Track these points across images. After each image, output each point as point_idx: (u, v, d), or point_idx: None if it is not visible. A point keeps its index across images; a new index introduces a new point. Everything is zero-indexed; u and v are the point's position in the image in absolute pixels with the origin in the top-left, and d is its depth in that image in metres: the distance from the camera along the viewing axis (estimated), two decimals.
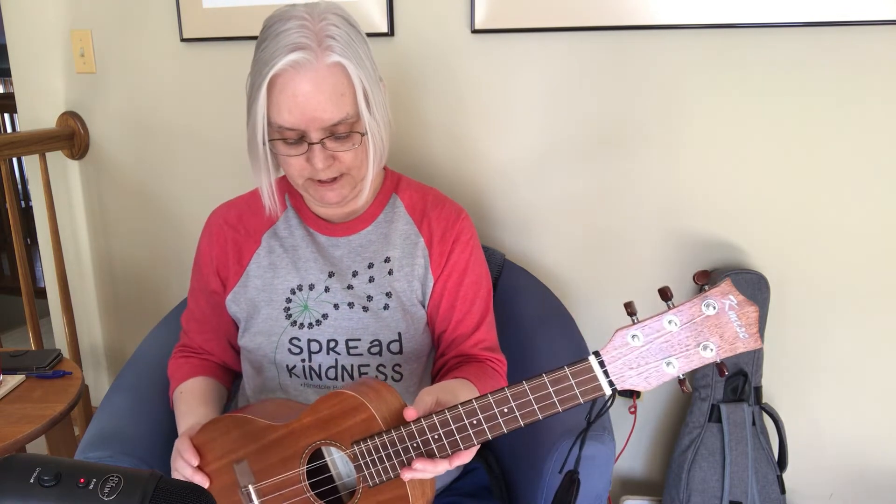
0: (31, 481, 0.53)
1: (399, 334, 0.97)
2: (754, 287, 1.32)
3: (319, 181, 0.90)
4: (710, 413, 1.37)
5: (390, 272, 0.99)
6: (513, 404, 0.70)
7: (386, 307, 0.98)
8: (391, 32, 1.43)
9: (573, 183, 1.43)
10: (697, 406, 1.39)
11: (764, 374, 1.40)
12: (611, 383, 0.66)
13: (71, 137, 1.76)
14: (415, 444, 0.75)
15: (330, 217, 1.02)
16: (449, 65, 1.43)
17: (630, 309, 0.64)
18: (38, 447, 1.78)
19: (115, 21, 1.66)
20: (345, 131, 0.87)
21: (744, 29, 1.25)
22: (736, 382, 1.36)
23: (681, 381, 0.65)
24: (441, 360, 1.02)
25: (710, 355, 0.62)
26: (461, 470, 1.07)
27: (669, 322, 0.62)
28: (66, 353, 1.74)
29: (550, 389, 0.68)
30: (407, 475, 0.74)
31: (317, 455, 0.83)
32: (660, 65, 1.32)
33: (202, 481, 0.87)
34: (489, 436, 0.72)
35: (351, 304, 0.98)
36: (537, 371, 1.00)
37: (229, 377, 1.12)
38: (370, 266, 0.99)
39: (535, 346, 1.18)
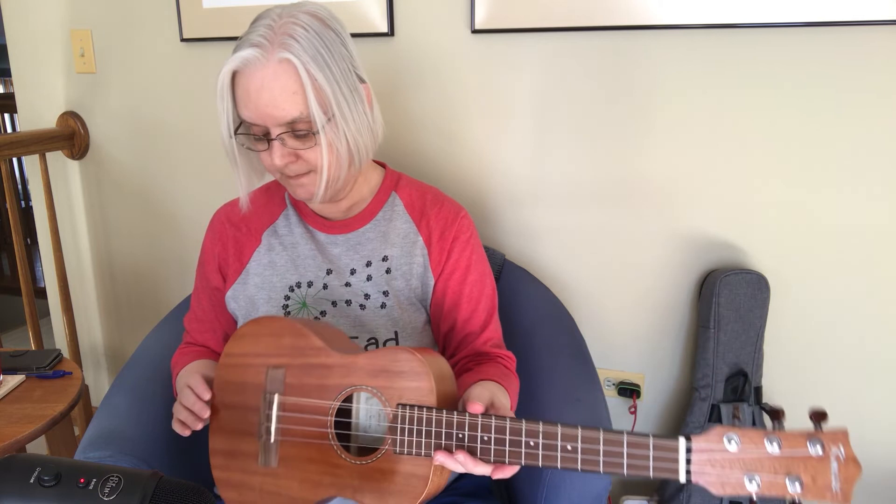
0: (31, 481, 0.53)
1: (396, 333, 0.97)
2: (754, 287, 1.32)
3: (288, 176, 0.91)
4: (710, 413, 1.37)
5: (388, 271, 1.00)
6: (579, 445, 0.66)
7: (383, 305, 0.98)
8: (391, 32, 1.43)
9: (573, 183, 1.43)
10: (698, 406, 1.39)
11: (764, 374, 1.40)
12: (688, 472, 0.62)
13: (71, 137, 1.76)
14: (460, 435, 0.72)
15: (328, 215, 1.02)
16: (449, 65, 1.43)
17: (736, 409, 0.62)
18: (38, 447, 1.78)
19: (115, 21, 1.66)
20: (303, 129, 0.87)
21: (744, 29, 1.25)
22: (736, 382, 1.36)
23: (751, 502, 0.62)
24: (452, 359, 1.03)
25: (795, 491, 0.59)
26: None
27: (769, 444, 0.60)
28: (66, 353, 1.74)
29: (624, 446, 0.65)
30: (440, 458, 0.72)
31: (348, 400, 0.82)
32: (660, 65, 1.32)
33: (202, 411, 0.87)
34: (539, 464, 0.68)
35: (348, 302, 0.98)
36: (536, 371, 1.01)
37: None
38: (368, 264, 1.00)
39: (535, 347, 1.18)
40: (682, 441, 0.62)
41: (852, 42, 1.22)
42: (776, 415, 0.61)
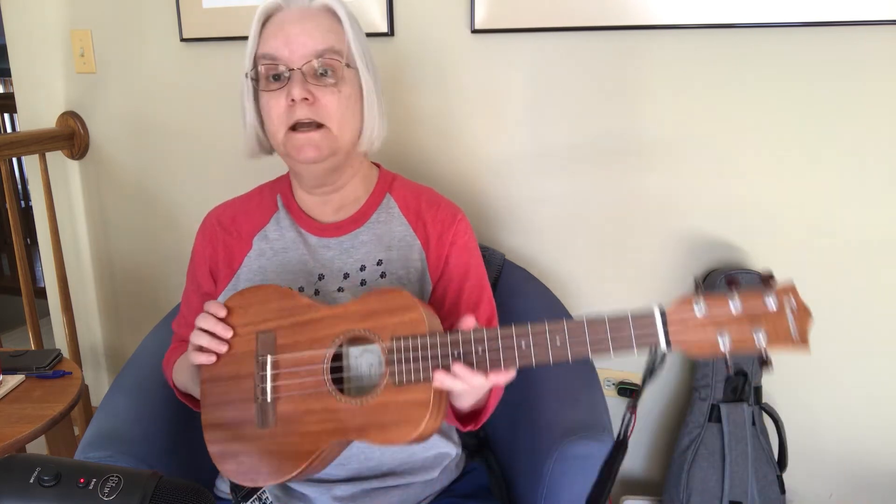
0: (31, 481, 0.53)
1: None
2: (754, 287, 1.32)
3: (297, 129, 0.88)
4: (710, 413, 1.37)
5: (382, 275, 0.97)
6: (567, 336, 0.70)
7: None
8: (391, 32, 1.43)
9: (573, 183, 1.43)
10: (697, 406, 1.39)
11: (764, 374, 1.40)
12: (667, 339, 0.68)
13: (71, 137, 1.76)
14: (455, 353, 0.74)
15: (320, 217, 1.00)
16: (449, 65, 1.43)
17: (698, 283, 0.69)
18: (38, 447, 1.78)
19: (115, 21, 1.66)
20: (331, 63, 0.87)
21: (744, 29, 1.25)
22: (736, 382, 1.36)
23: (725, 362, 0.68)
24: None
25: (758, 344, 0.65)
26: (461, 470, 1.07)
27: (732, 303, 0.66)
28: (66, 353, 1.74)
29: (607, 329, 0.69)
30: (439, 377, 0.74)
31: (340, 357, 0.83)
32: (659, 65, 1.32)
33: (225, 331, 0.85)
34: (533, 361, 0.71)
35: None
36: (536, 371, 1.01)
37: None
38: (362, 268, 0.98)
39: None
40: (656, 310, 0.68)
41: (852, 42, 1.22)
42: (732, 281, 0.67)
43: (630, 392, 1.50)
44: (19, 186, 3.67)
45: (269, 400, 0.83)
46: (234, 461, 0.84)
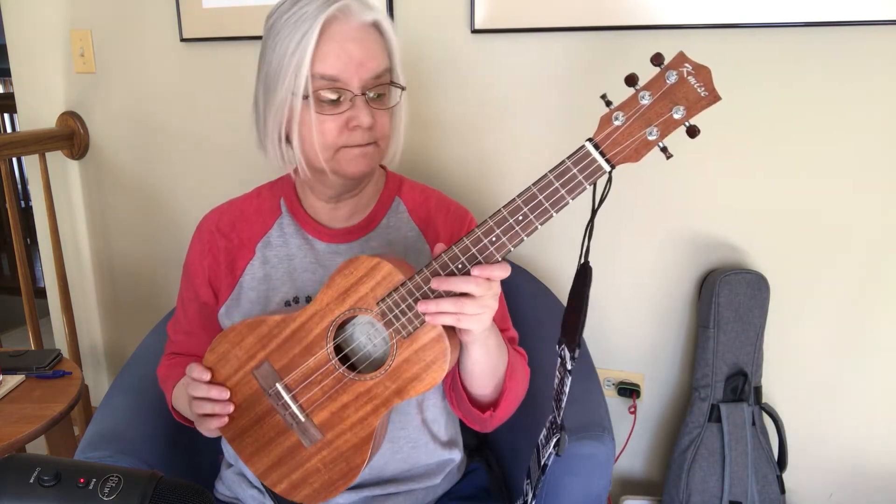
0: (31, 481, 0.53)
1: None
2: (754, 287, 1.32)
3: (356, 144, 0.85)
4: (710, 413, 1.37)
5: None
6: (525, 209, 0.73)
7: None
8: None
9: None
10: (697, 406, 1.39)
11: (764, 374, 1.40)
12: (608, 161, 0.73)
13: (71, 137, 1.76)
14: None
15: (329, 222, 0.97)
16: (449, 65, 1.43)
17: (606, 98, 0.73)
18: (38, 447, 1.78)
19: (115, 21, 1.66)
20: (385, 86, 0.87)
21: (744, 29, 1.25)
22: (736, 382, 1.36)
23: (663, 150, 0.73)
24: None
25: (680, 116, 0.71)
26: (462, 472, 1.07)
27: (642, 97, 0.71)
28: (66, 353, 1.74)
29: (556, 184, 0.74)
30: (422, 308, 0.74)
31: (342, 346, 0.83)
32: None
33: (221, 392, 0.84)
34: (510, 247, 0.74)
35: None
36: (536, 371, 1.01)
37: None
38: None
39: (535, 347, 1.18)
40: (587, 145, 0.73)
41: (852, 42, 1.22)
42: (632, 80, 0.72)
43: (630, 392, 1.50)
44: (19, 186, 3.67)
45: (303, 419, 0.84)
46: (307, 486, 0.86)
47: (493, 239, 0.74)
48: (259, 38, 0.88)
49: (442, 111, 1.46)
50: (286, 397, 0.83)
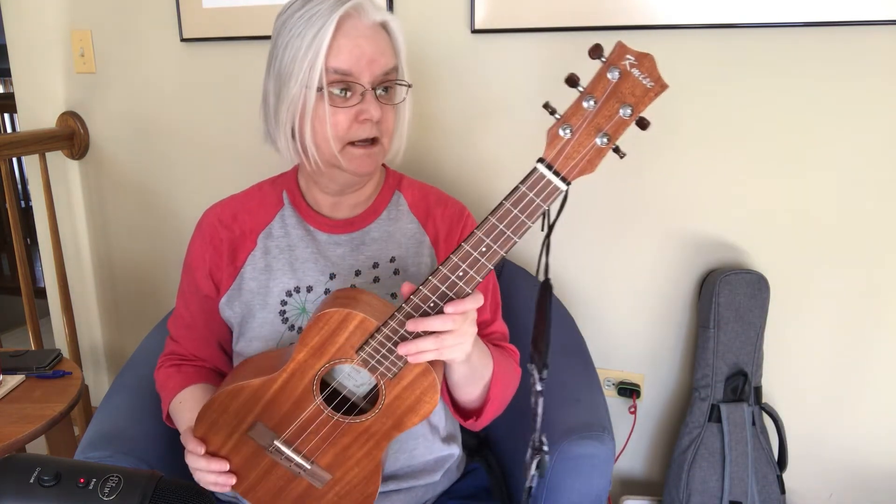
0: (31, 481, 0.53)
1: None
2: (754, 287, 1.32)
3: (355, 143, 0.88)
4: (710, 413, 1.37)
5: (396, 272, 0.98)
6: (487, 241, 0.73)
7: None
8: None
9: (573, 182, 1.42)
10: (697, 406, 1.39)
11: (764, 374, 1.40)
12: (563, 179, 0.70)
13: (71, 137, 1.76)
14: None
15: (330, 213, 0.99)
16: (449, 65, 1.43)
17: (549, 108, 0.69)
18: (38, 447, 1.78)
19: (115, 21, 1.66)
20: (392, 83, 0.90)
21: (744, 29, 1.25)
22: (736, 382, 1.36)
23: (616, 150, 0.70)
24: None
25: (629, 114, 0.67)
26: (462, 472, 1.07)
27: (587, 103, 0.67)
28: (66, 353, 1.74)
29: (515, 210, 0.71)
30: (403, 351, 0.75)
31: (325, 384, 0.84)
32: (659, 65, 1.32)
33: (221, 465, 0.86)
34: (479, 278, 0.74)
35: None
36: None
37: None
38: (375, 265, 0.97)
39: None
40: (539, 167, 0.69)
41: (852, 42, 1.22)
42: (572, 82, 0.67)
43: (630, 392, 1.50)
44: (19, 186, 3.67)
45: (309, 466, 0.86)
46: None
47: (461, 274, 0.74)
48: (259, 37, 0.89)
49: (441, 111, 1.46)
50: (287, 451, 0.85)
